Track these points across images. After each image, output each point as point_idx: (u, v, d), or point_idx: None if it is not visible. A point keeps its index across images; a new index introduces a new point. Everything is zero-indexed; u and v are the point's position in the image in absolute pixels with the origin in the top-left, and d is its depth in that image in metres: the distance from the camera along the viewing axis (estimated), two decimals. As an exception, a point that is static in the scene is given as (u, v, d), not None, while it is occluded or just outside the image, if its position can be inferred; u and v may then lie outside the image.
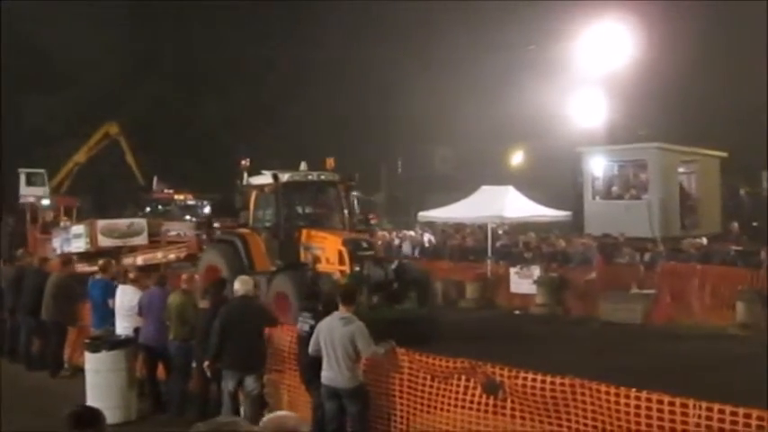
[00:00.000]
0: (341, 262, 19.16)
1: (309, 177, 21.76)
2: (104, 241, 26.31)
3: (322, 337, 11.64)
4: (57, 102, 47.38)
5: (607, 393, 9.78)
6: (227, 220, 33.74)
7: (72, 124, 44.11)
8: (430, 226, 37.39)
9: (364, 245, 19.94)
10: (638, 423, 9.34)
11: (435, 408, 11.44)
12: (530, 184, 38.61)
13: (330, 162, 22.39)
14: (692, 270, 24.94)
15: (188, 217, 37.66)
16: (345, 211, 22.10)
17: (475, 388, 11.01)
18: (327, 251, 19.69)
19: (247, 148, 50.83)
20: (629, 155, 34.28)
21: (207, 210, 40.19)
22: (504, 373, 11.05)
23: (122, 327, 15.72)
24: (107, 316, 16.39)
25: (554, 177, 39.07)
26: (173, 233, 30.26)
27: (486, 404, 10.84)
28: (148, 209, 36.40)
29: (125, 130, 41.32)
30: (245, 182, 22.13)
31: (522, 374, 10.90)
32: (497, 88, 42.99)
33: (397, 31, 51.06)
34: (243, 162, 22.33)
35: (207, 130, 52.91)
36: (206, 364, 13.17)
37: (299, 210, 22.30)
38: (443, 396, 11.40)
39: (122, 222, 28.49)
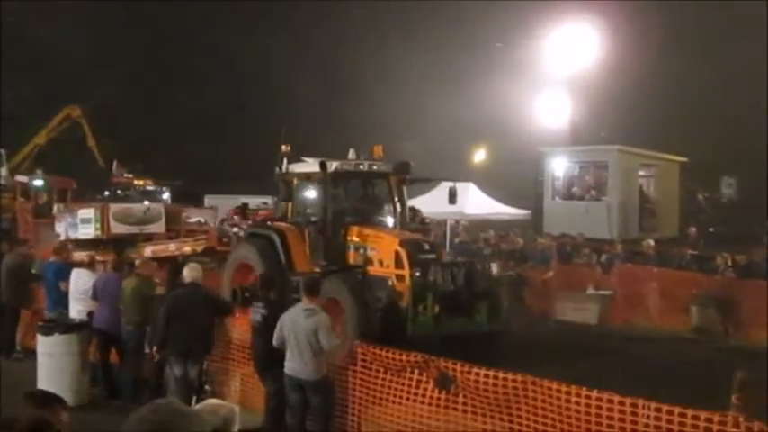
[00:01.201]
0: (398, 265, 16.25)
1: (360, 167, 18.63)
2: (118, 228, 23.11)
3: (286, 328, 11.63)
4: (25, 84, 46.96)
5: (558, 391, 9.83)
6: (190, 206, 33.58)
7: (39, 106, 43.64)
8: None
9: (426, 246, 17.12)
10: (588, 422, 9.40)
11: (388, 401, 11.46)
12: (491, 182, 38.80)
13: (378, 150, 19.28)
14: (649, 273, 25.10)
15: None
16: (398, 207, 18.91)
17: (427, 382, 11.04)
18: (382, 252, 16.74)
19: (213, 137, 50.91)
20: (590, 156, 34.51)
21: (166, 196, 39.03)
22: (456, 368, 11.08)
23: (76, 310, 15.62)
24: (60, 299, 16.27)
25: (515, 176, 39.22)
26: (193, 220, 27.85)
27: (438, 398, 10.88)
28: (107, 193, 35.67)
29: (87, 114, 41.12)
30: (284, 169, 19.12)
31: (474, 370, 10.93)
32: (463, 86, 43.13)
33: (369, 31, 51.06)
34: (283, 147, 19.51)
35: (172, 116, 52.62)
36: (154, 349, 13.38)
37: (348, 203, 19.20)
38: (396, 389, 11.42)
39: (138, 207, 25.88)
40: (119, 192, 37.03)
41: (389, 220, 18.98)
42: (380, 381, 11.66)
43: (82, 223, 23.20)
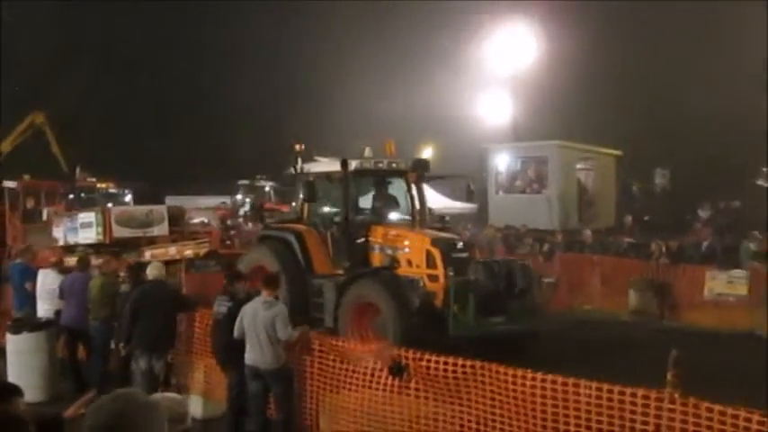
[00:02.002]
0: (429, 265, 15.12)
1: (380, 165, 17.17)
2: (121, 231, 21.23)
3: (246, 320, 11.62)
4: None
5: (506, 374, 9.89)
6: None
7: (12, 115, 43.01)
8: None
9: (459, 245, 15.93)
10: (533, 402, 9.46)
11: (344, 388, 11.47)
12: (440, 176, 38.89)
13: (391, 146, 18.21)
14: (589, 260, 25.38)
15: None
16: (417, 205, 17.64)
17: (382, 370, 11.05)
18: (412, 252, 15.54)
19: (172, 141, 50.65)
20: (532, 152, 34.73)
21: (128, 198, 38.59)
22: (408, 355, 11.12)
23: (43, 309, 15.62)
24: (27, 299, 16.23)
25: (461, 172, 39.25)
26: (196, 221, 27.38)
27: (392, 385, 10.89)
28: (71, 196, 35.05)
29: (51, 121, 40.83)
30: (299, 169, 17.52)
31: (426, 356, 10.97)
32: (410, 86, 43.21)
33: (319, 31, 50.97)
34: (297, 147, 17.95)
35: (132, 121, 52.20)
36: (120, 344, 13.30)
37: (369, 203, 17.71)
38: (352, 377, 11.43)
39: (140, 209, 23.57)
40: (83, 195, 36.51)
41: (409, 219, 17.65)
42: (337, 369, 11.67)
43: (82, 228, 21.70)
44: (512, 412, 9.67)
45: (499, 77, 42.05)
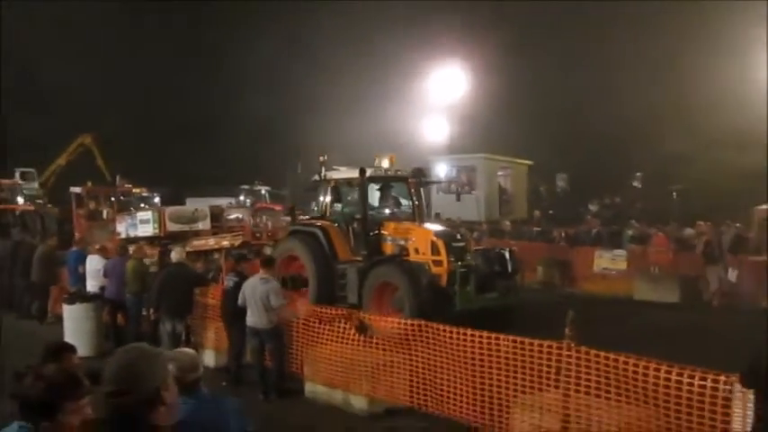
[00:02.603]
0: (433, 253, 14.59)
1: (388, 172, 16.60)
2: (172, 226, 20.93)
3: (247, 292, 11.62)
4: (45, 118, 45.77)
5: (444, 331, 9.93)
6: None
7: (56, 136, 42.49)
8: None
9: (457, 236, 15.57)
10: (464, 351, 9.50)
11: (322, 343, 11.47)
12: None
13: (393, 159, 17.31)
14: (507, 244, 25.45)
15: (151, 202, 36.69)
16: (416, 205, 16.88)
17: (351, 328, 11.07)
18: (417, 243, 14.94)
19: (189, 153, 50.32)
20: (463, 162, 34.73)
21: (156, 200, 38.24)
22: (371, 317, 11.17)
23: (91, 285, 15.57)
24: (79, 278, 16.20)
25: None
26: (232, 217, 25.92)
27: (359, 340, 10.92)
28: (113, 199, 34.62)
29: (96, 140, 40.64)
30: (323, 176, 16.76)
31: (383, 318, 11.03)
32: (368, 112, 43.10)
33: (307, 70, 50.76)
34: (321, 158, 17.27)
35: (157, 138, 51.58)
36: (151, 311, 13.37)
37: (380, 203, 17.02)
38: (328, 334, 11.44)
39: (188, 209, 23.24)
40: (122, 198, 36.15)
41: (409, 216, 16.75)
42: (317, 328, 11.68)
43: (141, 223, 21.23)
44: (448, 358, 9.71)
45: (438, 106, 42.11)
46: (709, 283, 20.24)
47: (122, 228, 21.82)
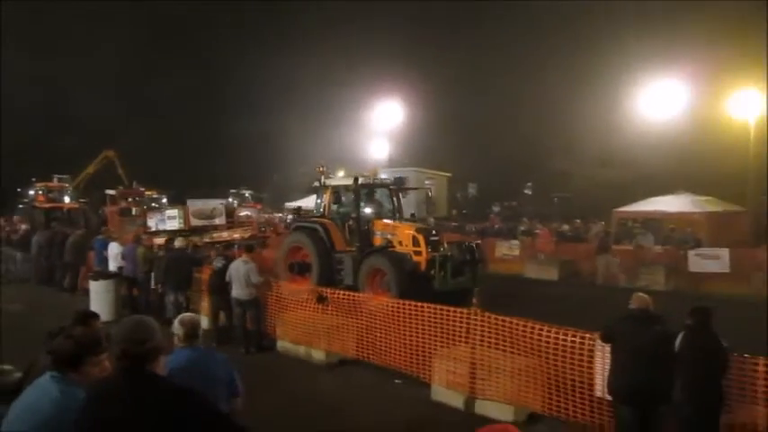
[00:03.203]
0: (414, 245, 13.88)
1: (376, 180, 15.93)
2: (195, 222, 20.06)
3: (233, 271, 11.55)
4: (73, 136, 44.70)
5: (383, 302, 9.99)
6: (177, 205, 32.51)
7: (85, 151, 41.51)
8: (291, 211, 36.96)
9: (433, 232, 14.86)
10: (397, 316, 9.56)
11: (290, 310, 11.44)
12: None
13: (376, 170, 16.89)
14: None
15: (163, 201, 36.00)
16: (396, 207, 16.01)
17: (312, 299, 11.07)
18: (401, 237, 14.27)
19: (189, 163, 49.63)
20: (399, 174, 34.91)
21: (164, 200, 37.57)
22: (328, 291, 11.17)
23: (112, 266, 15.25)
24: (103, 259, 15.89)
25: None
26: (243, 214, 25.26)
27: (319, 308, 10.92)
28: (130, 199, 33.94)
29: (118, 153, 39.92)
30: (323, 182, 16.02)
31: (337, 291, 11.04)
32: (329, 133, 43.08)
33: (253, 91, 50.32)
34: (321, 169, 16.64)
35: (163, 151, 50.72)
36: (158, 286, 13.22)
37: (366, 204, 15.90)
38: (295, 303, 11.42)
39: (207, 207, 21.98)
40: (137, 199, 35.45)
41: (390, 216, 15.88)
42: (285, 299, 11.65)
43: (169, 219, 20.24)
44: (385, 322, 9.75)
45: (381, 131, 42.17)
46: (598, 267, 20.06)
47: (152, 222, 20.81)
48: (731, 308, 13.07)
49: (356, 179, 15.09)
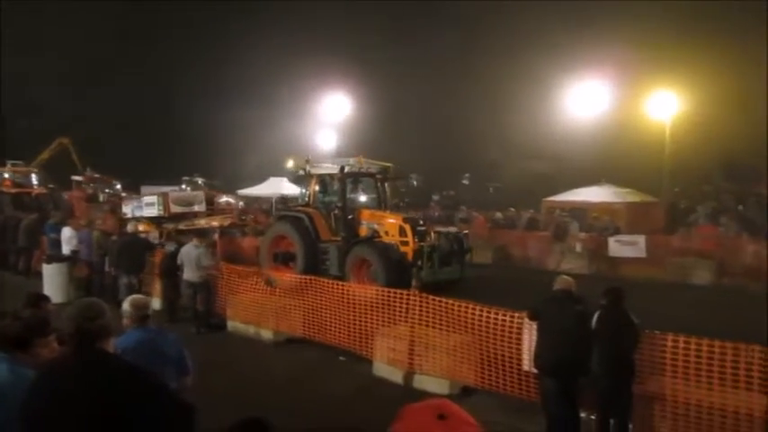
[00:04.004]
0: (401, 235, 13.14)
1: (361, 170, 14.81)
2: (175, 208, 18.12)
3: (184, 255, 11.44)
4: (32, 123, 42.93)
5: (327, 283, 10.00)
6: (132, 193, 31.65)
7: (41, 138, 39.88)
8: (242, 198, 36.45)
9: (420, 222, 13.97)
10: (341, 297, 9.59)
11: (240, 292, 11.35)
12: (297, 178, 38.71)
13: (361, 160, 15.05)
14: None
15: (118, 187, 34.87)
16: (382, 196, 15.09)
17: (260, 282, 11.00)
18: (387, 227, 13.45)
19: (144, 150, 48.40)
20: (346, 164, 34.80)
21: (118, 186, 36.44)
22: (277, 274, 11.12)
23: (66, 249, 14.74)
24: (55, 244, 15.36)
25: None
26: (222, 200, 23.71)
27: (266, 290, 10.86)
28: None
29: (72, 141, 38.59)
30: (308, 171, 14.98)
31: (285, 274, 10.99)
32: (280, 124, 42.52)
33: (208, 87, 49.40)
34: (308, 158, 15.41)
35: (119, 139, 49.10)
36: (112, 269, 12.86)
37: (355, 194, 15.10)
38: (245, 285, 11.33)
39: (188, 194, 20.26)
40: (91, 185, 34.27)
41: (377, 205, 14.94)
42: (236, 282, 11.53)
43: (146, 206, 18.19)
44: (329, 302, 9.77)
45: (329, 123, 41.97)
46: (553, 253, 19.86)
47: (128, 209, 18.94)
48: (646, 289, 13.58)
49: (342, 168, 14.17)
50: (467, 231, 15.42)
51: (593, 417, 6.43)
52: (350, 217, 13.87)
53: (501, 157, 37.63)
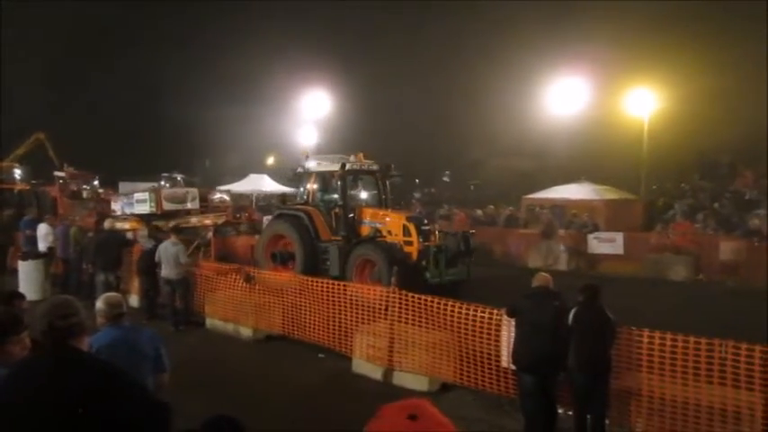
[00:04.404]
0: (405, 234, 12.51)
1: (363, 167, 14.07)
2: (168, 206, 17.14)
3: (162, 252, 11.35)
4: (6, 119, 42.20)
5: (306, 280, 9.97)
6: (109, 190, 31.21)
7: (17, 134, 39.17)
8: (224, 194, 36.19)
9: (425, 221, 13.38)
10: (321, 294, 9.56)
11: (218, 289, 11.29)
12: (277, 174, 38.58)
13: (362, 156, 14.38)
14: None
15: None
16: (383, 194, 14.38)
17: (239, 279, 10.95)
18: (390, 226, 12.83)
19: (122, 147, 47.88)
20: (327, 160, 34.68)
21: (96, 182, 35.85)
22: (256, 271, 11.07)
23: (42, 246, 14.59)
24: (29, 240, 15.19)
25: (290, 170, 38.84)
26: (216, 197, 23.24)
27: (246, 287, 10.80)
28: (61, 182, 32.09)
29: (48, 136, 37.99)
30: (306, 168, 14.49)
31: (263, 272, 10.97)
32: (261, 121, 42.31)
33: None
34: (306, 155, 15.10)
35: (96, 135, 48.42)
36: (89, 266, 12.73)
37: (354, 192, 14.36)
38: (224, 282, 11.26)
39: (181, 191, 19.17)
40: (68, 180, 33.66)
41: (378, 203, 14.29)
42: (215, 279, 11.47)
43: (137, 203, 17.26)
44: (309, 300, 9.75)
45: (310, 119, 41.87)
46: (539, 251, 19.67)
47: (118, 206, 18.05)
48: (624, 286, 13.73)
49: (343, 165, 13.53)
50: (473, 231, 14.78)
51: (570, 413, 6.49)
52: (350, 216, 13.31)
53: (482, 155, 37.77)
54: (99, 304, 4.42)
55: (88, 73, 50.16)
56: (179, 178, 42.31)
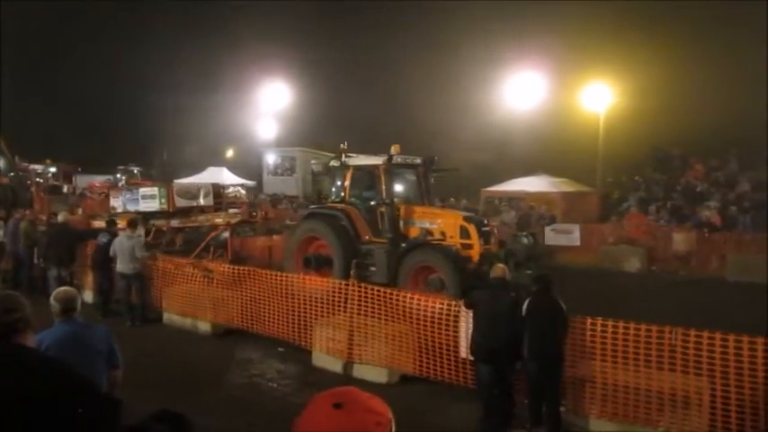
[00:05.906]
0: (463, 236, 11.04)
1: (407, 160, 12.40)
2: (180, 202, 15.12)
3: (117, 246, 11.07)
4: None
5: (265, 274, 9.89)
6: (65, 183, 30.35)
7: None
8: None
9: (485, 221, 11.88)
10: (280, 288, 9.49)
11: (176, 284, 11.12)
12: (236, 166, 38.16)
13: (397, 148, 12.38)
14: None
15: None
16: (425, 191, 12.72)
17: (196, 273, 10.81)
18: (444, 226, 11.35)
19: (82, 140, 46.67)
20: (287, 153, 34.48)
21: (52, 171, 34.60)
22: (214, 265, 10.95)
23: (-9, 242, 14.16)
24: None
25: (251, 163, 38.46)
26: (231, 191, 21.40)
27: (204, 281, 10.68)
28: (12, 174, 30.97)
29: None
30: (343, 162, 12.72)
31: (223, 266, 10.83)
32: (220, 113, 41.73)
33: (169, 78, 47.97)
34: (342, 146, 13.22)
35: (55, 128, 47.06)
36: (40, 261, 12.45)
37: (397, 188, 12.59)
38: (181, 277, 11.10)
39: (194, 185, 17.23)
40: (20, 173, 32.55)
41: (420, 201, 12.64)
42: (172, 273, 11.30)
43: (144, 199, 15.26)
44: (268, 294, 9.67)
45: (270, 111, 41.52)
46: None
47: (118, 203, 16.07)
48: (579, 277, 13.98)
49: (390, 158, 11.95)
50: (534, 232, 13.70)
51: (525, 401, 6.58)
52: (395, 215, 11.83)
53: (444, 149, 37.97)
54: (51, 301, 4.32)
55: (41, 61, 48.75)
56: (135, 171, 41.51)
